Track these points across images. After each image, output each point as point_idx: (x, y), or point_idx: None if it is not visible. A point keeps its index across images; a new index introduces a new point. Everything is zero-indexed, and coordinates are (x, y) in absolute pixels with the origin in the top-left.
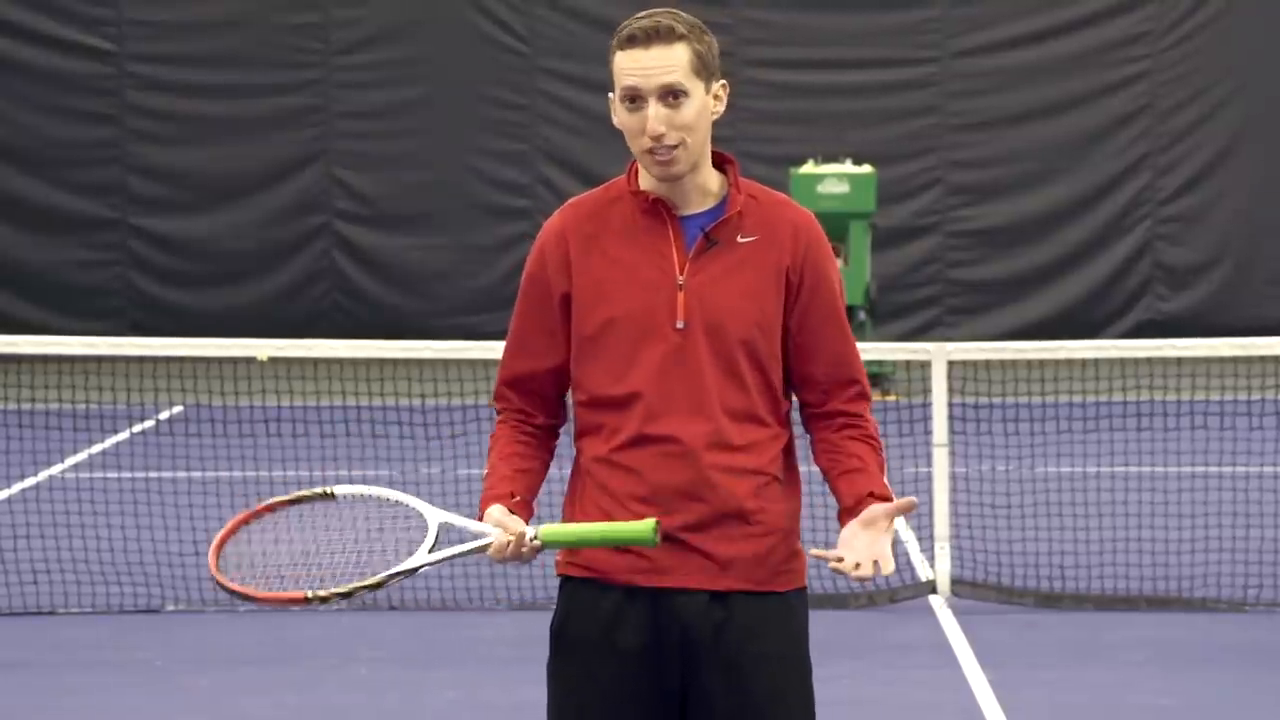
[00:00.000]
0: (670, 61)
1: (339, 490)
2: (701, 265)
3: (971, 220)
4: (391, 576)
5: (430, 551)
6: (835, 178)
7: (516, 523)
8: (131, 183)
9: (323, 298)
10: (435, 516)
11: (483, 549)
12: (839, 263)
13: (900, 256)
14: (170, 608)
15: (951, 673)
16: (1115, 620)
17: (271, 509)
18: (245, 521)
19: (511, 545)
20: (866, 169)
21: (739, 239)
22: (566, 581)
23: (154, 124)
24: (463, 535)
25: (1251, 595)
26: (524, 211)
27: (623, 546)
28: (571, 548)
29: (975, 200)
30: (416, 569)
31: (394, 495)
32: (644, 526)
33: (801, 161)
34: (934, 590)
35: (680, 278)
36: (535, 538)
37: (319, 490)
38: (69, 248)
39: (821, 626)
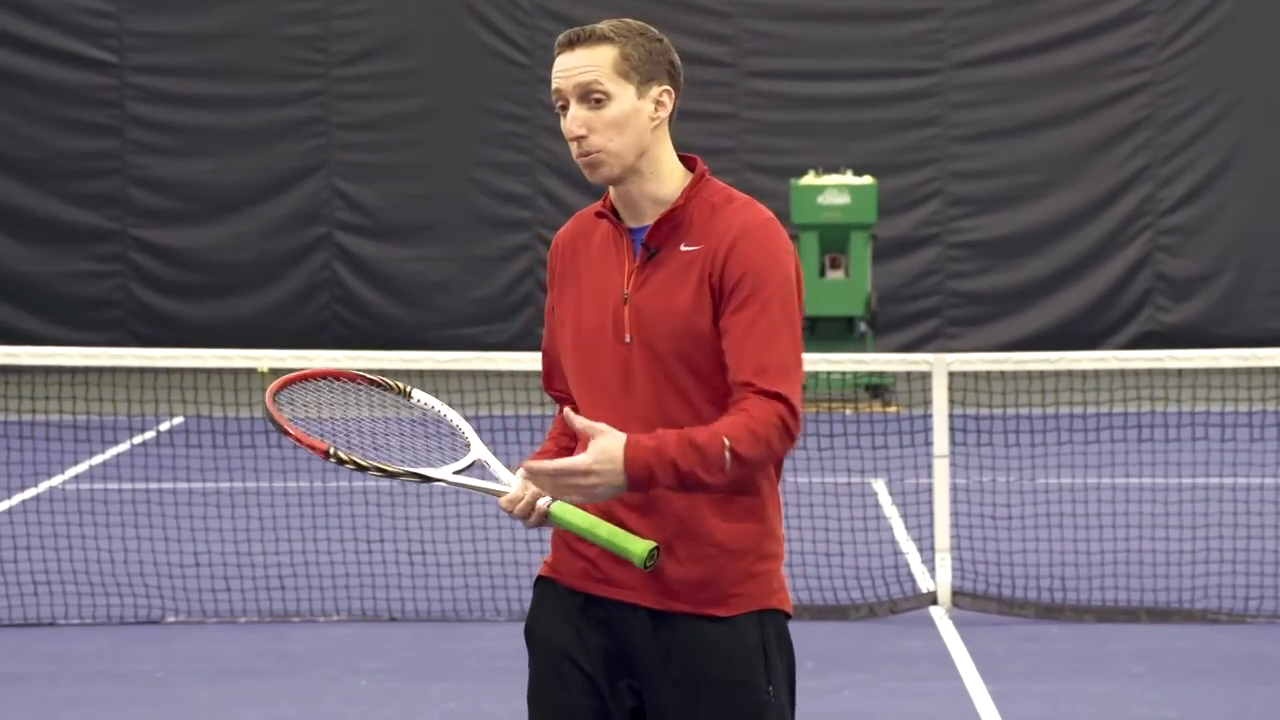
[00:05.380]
0: (590, 62)
1: (416, 395)
2: (645, 277)
3: (972, 231)
4: (407, 474)
5: (455, 474)
6: (836, 189)
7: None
8: (132, 194)
9: (323, 309)
10: (479, 450)
11: (497, 494)
12: (839, 274)
13: (901, 268)
14: (170, 619)
15: (952, 684)
16: (1116, 632)
17: (352, 379)
18: (321, 376)
19: (522, 504)
20: (867, 180)
21: (682, 248)
22: (538, 582)
23: (155, 135)
24: (492, 476)
25: (1253, 607)
26: (525, 223)
27: (580, 552)
28: (569, 530)
29: (976, 211)
30: (432, 480)
31: (458, 420)
32: (639, 547)
33: (803, 172)
34: (934, 601)
35: (626, 291)
36: (547, 507)
37: (401, 386)
38: (70, 259)
39: (822, 638)
